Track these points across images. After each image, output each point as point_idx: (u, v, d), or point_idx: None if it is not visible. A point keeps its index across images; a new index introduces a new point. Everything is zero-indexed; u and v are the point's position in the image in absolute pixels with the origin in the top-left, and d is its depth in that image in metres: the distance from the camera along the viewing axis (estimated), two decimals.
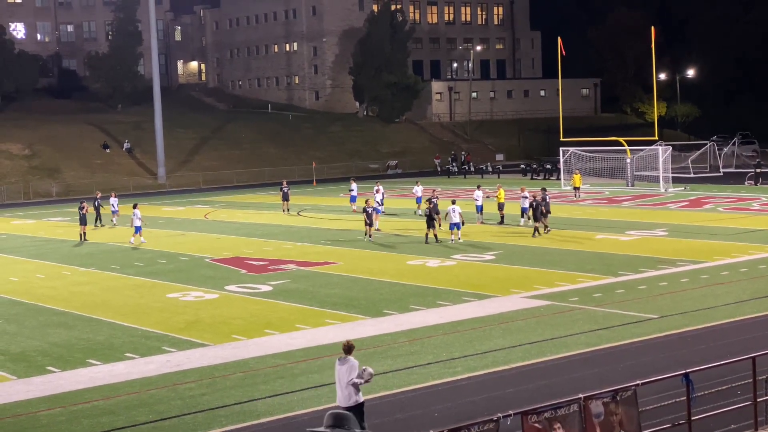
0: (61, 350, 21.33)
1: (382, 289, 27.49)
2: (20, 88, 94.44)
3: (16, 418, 16.48)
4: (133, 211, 40.61)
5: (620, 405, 11.81)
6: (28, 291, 29.50)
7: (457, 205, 37.31)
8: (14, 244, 42.58)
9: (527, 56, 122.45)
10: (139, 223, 40.43)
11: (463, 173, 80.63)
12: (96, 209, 48.41)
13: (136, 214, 40.28)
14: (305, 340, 21.35)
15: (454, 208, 36.97)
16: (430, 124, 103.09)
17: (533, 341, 20.36)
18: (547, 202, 38.76)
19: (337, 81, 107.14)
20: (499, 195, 43.65)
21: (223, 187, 76.38)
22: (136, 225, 40.24)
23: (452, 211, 36.84)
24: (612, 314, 22.96)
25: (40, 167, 78.13)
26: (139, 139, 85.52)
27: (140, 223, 40.53)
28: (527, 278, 28.29)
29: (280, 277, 30.29)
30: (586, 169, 63.25)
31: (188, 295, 27.74)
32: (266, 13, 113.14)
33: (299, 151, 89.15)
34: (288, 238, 40.59)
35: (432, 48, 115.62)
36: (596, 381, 16.46)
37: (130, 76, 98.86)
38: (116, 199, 49.52)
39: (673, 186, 58.23)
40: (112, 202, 49.01)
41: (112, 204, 48.83)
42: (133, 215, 40.33)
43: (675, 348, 19.53)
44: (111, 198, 49.52)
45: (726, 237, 35.81)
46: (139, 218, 40.35)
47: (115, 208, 48.75)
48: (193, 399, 17.18)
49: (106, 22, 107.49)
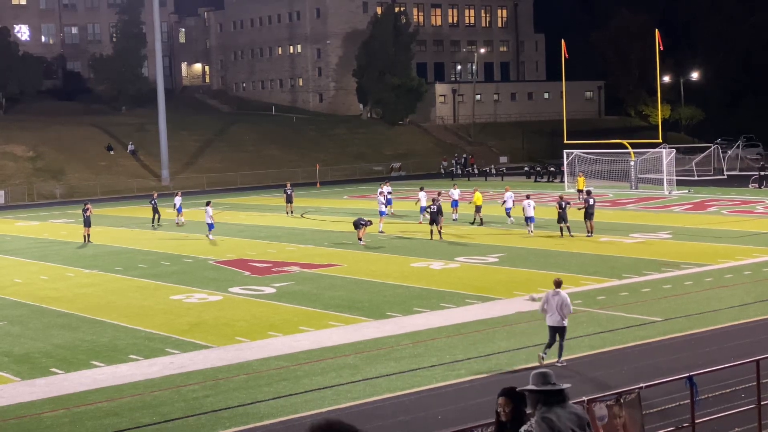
0: (65, 352, 21.34)
1: (385, 292, 27.48)
2: (24, 90, 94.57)
3: (20, 420, 16.49)
4: (205, 209, 41.81)
5: (624, 408, 11.80)
6: (32, 292, 29.52)
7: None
8: (18, 246, 42.62)
9: (531, 59, 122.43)
10: (211, 220, 41.50)
11: (467, 176, 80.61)
12: (154, 209, 48.51)
13: (208, 212, 41.43)
14: (309, 342, 21.35)
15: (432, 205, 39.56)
16: (433, 126, 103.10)
17: (537, 344, 20.33)
18: (568, 205, 38.73)
19: (340, 83, 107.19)
20: (476, 198, 43.89)
21: (226, 189, 76.41)
22: (208, 222, 41.33)
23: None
24: (616, 317, 22.94)
25: (44, 169, 78.22)
26: (143, 141, 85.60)
27: (212, 221, 41.57)
28: (531, 280, 28.27)
29: (284, 279, 30.29)
30: (592, 171, 63.21)
31: (192, 297, 27.75)
32: (270, 16, 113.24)
33: (303, 154, 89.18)
34: (291, 240, 40.60)
35: (436, 50, 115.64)
36: (600, 383, 16.45)
37: (134, 78, 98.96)
38: (180, 198, 49.65)
39: (677, 189, 58.17)
40: (176, 201, 49.00)
41: (176, 203, 48.81)
42: (206, 213, 41.51)
43: (679, 351, 19.51)
44: (176, 197, 49.48)
45: (730, 240, 35.77)
46: (210, 216, 41.45)
47: (179, 207, 48.73)
48: (197, 401, 17.19)
49: (110, 24, 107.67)
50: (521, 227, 40.70)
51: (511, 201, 43.46)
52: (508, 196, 43.83)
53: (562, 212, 37.72)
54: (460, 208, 46.47)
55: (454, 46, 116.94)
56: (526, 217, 39.70)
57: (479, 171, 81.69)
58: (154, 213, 48.56)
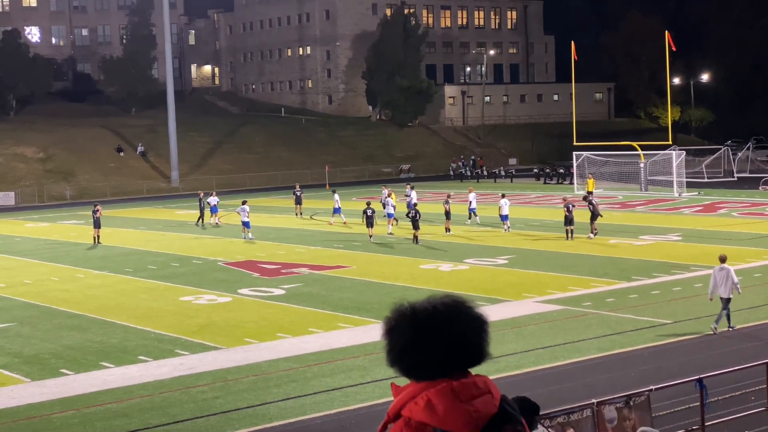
0: (75, 353, 21.39)
1: (394, 293, 27.46)
2: (35, 92, 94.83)
3: (30, 421, 16.54)
4: (241, 207, 41.92)
5: (633, 410, 11.78)
6: (42, 294, 29.60)
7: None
8: (28, 247, 42.74)
9: (541, 60, 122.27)
10: (247, 218, 41.51)
11: (476, 177, 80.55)
12: (201, 209, 48.64)
13: (245, 210, 41.49)
14: (318, 344, 21.36)
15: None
16: (443, 128, 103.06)
17: (546, 346, 20.32)
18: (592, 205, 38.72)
19: (350, 85, 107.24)
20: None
21: (236, 190, 76.49)
22: (244, 221, 41.41)
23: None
24: (625, 319, 22.90)
25: (54, 170, 78.44)
26: (152, 143, 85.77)
27: (248, 219, 41.58)
28: (540, 282, 28.24)
29: (293, 280, 30.31)
30: (601, 173, 63.11)
31: (201, 298, 27.79)
32: (280, 17, 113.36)
33: (312, 155, 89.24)
34: (301, 241, 40.63)
35: (445, 52, 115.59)
36: (609, 386, 16.42)
37: (144, 79, 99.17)
38: (216, 198, 49.72)
39: (687, 191, 58.03)
40: (210, 200, 49.00)
41: (209, 202, 48.81)
42: (242, 211, 41.60)
43: (688, 353, 19.46)
44: (211, 197, 49.47)
45: (740, 242, 35.67)
46: (247, 213, 41.52)
47: (215, 207, 48.77)
48: (206, 402, 17.21)
49: (120, 26, 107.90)
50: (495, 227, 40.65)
51: (474, 201, 45.06)
52: (472, 197, 45.26)
53: (569, 215, 37.73)
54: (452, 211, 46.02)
55: (464, 47, 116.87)
56: (501, 215, 41.09)
57: (488, 173, 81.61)
58: (200, 212, 48.70)
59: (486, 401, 2.97)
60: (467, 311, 3.05)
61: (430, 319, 3.01)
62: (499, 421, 2.96)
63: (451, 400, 2.94)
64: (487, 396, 2.98)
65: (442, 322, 3.01)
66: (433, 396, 2.96)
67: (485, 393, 2.98)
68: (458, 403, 2.94)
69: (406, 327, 3.02)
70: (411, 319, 3.02)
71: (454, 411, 2.93)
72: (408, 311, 3.05)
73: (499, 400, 3.01)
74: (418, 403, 2.98)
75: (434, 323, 3.00)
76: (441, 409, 2.94)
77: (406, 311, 3.05)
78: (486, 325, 3.06)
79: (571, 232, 37.82)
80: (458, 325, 3.02)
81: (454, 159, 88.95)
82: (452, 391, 2.95)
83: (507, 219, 41.12)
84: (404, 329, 3.02)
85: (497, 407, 2.98)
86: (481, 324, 3.05)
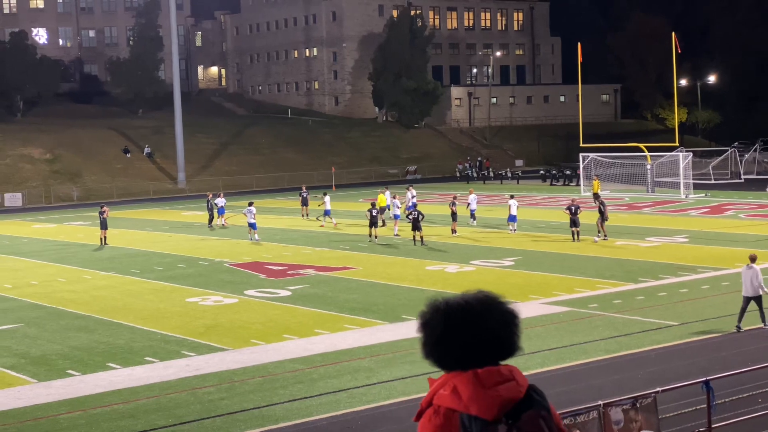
0: (82, 354, 21.42)
1: (400, 295, 27.48)
2: (42, 93, 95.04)
3: (36, 421, 16.57)
4: (248, 208, 42.15)
5: (640, 412, 11.76)
6: (49, 294, 29.66)
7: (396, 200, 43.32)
8: (35, 248, 42.83)
9: (547, 62, 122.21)
10: (254, 219, 41.75)
11: (482, 179, 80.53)
12: (209, 210, 48.72)
13: (251, 211, 41.72)
14: (324, 345, 21.36)
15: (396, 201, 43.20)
16: (449, 129, 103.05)
17: (552, 347, 20.30)
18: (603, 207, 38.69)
19: (356, 86, 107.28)
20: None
21: (242, 192, 76.56)
22: (250, 222, 41.71)
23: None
24: (632, 321, 22.86)
25: (61, 171, 78.60)
26: (159, 144, 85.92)
27: (254, 220, 41.81)
28: (546, 284, 28.21)
29: (299, 282, 30.33)
30: (608, 174, 63.03)
31: (207, 299, 27.82)
32: (286, 19, 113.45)
33: (319, 157, 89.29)
34: (307, 243, 40.65)
35: (451, 53, 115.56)
36: (616, 388, 16.39)
37: (151, 81, 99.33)
38: (224, 200, 49.78)
39: (694, 192, 57.94)
40: (217, 202, 49.03)
41: (217, 203, 48.84)
42: (248, 212, 41.84)
43: (695, 355, 19.43)
44: (218, 198, 49.50)
45: (747, 244, 35.57)
46: (253, 215, 41.71)
47: (222, 208, 48.80)
48: (212, 403, 17.23)
49: (127, 28, 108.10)
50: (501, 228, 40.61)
51: (475, 203, 45.20)
52: (472, 198, 45.31)
53: (574, 216, 37.68)
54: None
55: (470, 49, 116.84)
56: (510, 215, 41.11)
57: (495, 174, 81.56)
58: (209, 214, 48.81)
59: (510, 387, 3.09)
60: (499, 306, 3.20)
61: (463, 313, 3.15)
62: (524, 406, 3.07)
63: (475, 386, 3.06)
64: (512, 383, 3.11)
65: (475, 316, 3.15)
66: (459, 383, 3.08)
67: (510, 380, 3.11)
68: (482, 389, 3.06)
69: (439, 321, 3.16)
70: (444, 314, 3.16)
71: (477, 396, 3.05)
72: (442, 306, 3.19)
73: (525, 387, 3.12)
74: (445, 390, 3.11)
75: (467, 317, 3.14)
76: (465, 394, 3.06)
77: (440, 306, 3.19)
78: (517, 320, 3.23)
79: (577, 233, 37.77)
80: (490, 320, 3.16)
81: (460, 160, 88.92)
82: (476, 378, 3.08)
83: (515, 220, 41.14)
84: (438, 323, 3.16)
85: (523, 394, 3.09)
86: (512, 318, 3.21)
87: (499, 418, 3.04)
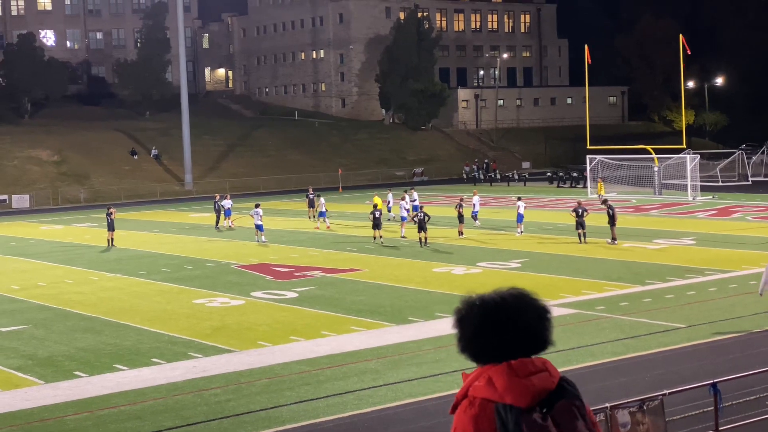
0: (89, 355, 21.46)
1: (407, 297, 27.47)
2: (50, 95, 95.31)
3: (44, 423, 16.60)
4: (255, 210, 42.26)
5: (647, 415, 11.74)
6: (56, 296, 29.71)
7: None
8: (43, 250, 42.92)
9: (554, 64, 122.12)
10: (260, 221, 41.74)
11: (489, 181, 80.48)
12: (216, 211, 48.79)
13: (258, 213, 41.79)
14: (330, 347, 21.36)
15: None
16: (456, 131, 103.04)
17: (559, 350, 20.25)
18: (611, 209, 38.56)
19: (363, 88, 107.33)
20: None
21: (249, 193, 76.64)
22: (257, 224, 41.69)
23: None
24: (639, 323, 22.82)
25: (68, 173, 78.78)
26: (166, 146, 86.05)
27: (261, 222, 41.80)
28: (553, 286, 28.17)
29: (306, 283, 30.34)
30: (615, 176, 62.92)
31: (214, 301, 27.85)
32: (293, 21, 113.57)
33: (325, 158, 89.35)
34: (314, 244, 40.67)
35: (458, 55, 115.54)
36: (623, 390, 16.36)
37: (158, 83, 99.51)
38: (230, 201, 49.80)
39: (701, 194, 57.82)
40: (224, 203, 49.06)
41: (223, 205, 48.87)
42: (255, 214, 41.93)
43: (703, 358, 19.38)
44: (224, 200, 49.52)
45: (755, 246, 35.50)
46: (260, 216, 41.75)
47: (228, 210, 48.82)
48: (219, 405, 17.24)
49: (134, 30, 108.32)
50: (509, 230, 40.55)
51: (478, 205, 45.54)
52: (476, 200, 45.61)
53: (580, 219, 37.63)
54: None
55: (477, 51, 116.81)
56: (518, 213, 41.13)
57: (502, 176, 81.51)
58: (217, 215, 48.87)
59: (543, 378, 3.17)
60: (532, 302, 3.29)
61: (497, 308, 3.25)
62: (557, 396, 3.16)
63: (509, 376, 3.15)
64: (545, 373, 3.19)
65: (509, 311, 3.25)
66: (494, 374, 3.17)
67: (543, 371, 3.19)
68: (516, 378, 3.15)
69: (474, 316, 3.26)
70: (480, 309, 3.27)
71: (511, 385, 3.13)
72: (477, 302, 3.30)
73: (558, 378, 3.21)
74: (480, 381, 3.20)
75: (501, 312, 3.24)
76: (500, 384, 3.15)
77: (475, 302, 3.30)
78: (549, 315, 3.29)
79: (583, 235, 37.72)
80: (523, 315, 3.25)
81: (467, 162, 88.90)
82: (510, 369, 3.17)
83: (522, 220, 41.17)
84: (473, 318, 3.26)
85: (555, 384, 3.18)
86: (545, 313, 3.29)
87: (533, 406, 3.13)
